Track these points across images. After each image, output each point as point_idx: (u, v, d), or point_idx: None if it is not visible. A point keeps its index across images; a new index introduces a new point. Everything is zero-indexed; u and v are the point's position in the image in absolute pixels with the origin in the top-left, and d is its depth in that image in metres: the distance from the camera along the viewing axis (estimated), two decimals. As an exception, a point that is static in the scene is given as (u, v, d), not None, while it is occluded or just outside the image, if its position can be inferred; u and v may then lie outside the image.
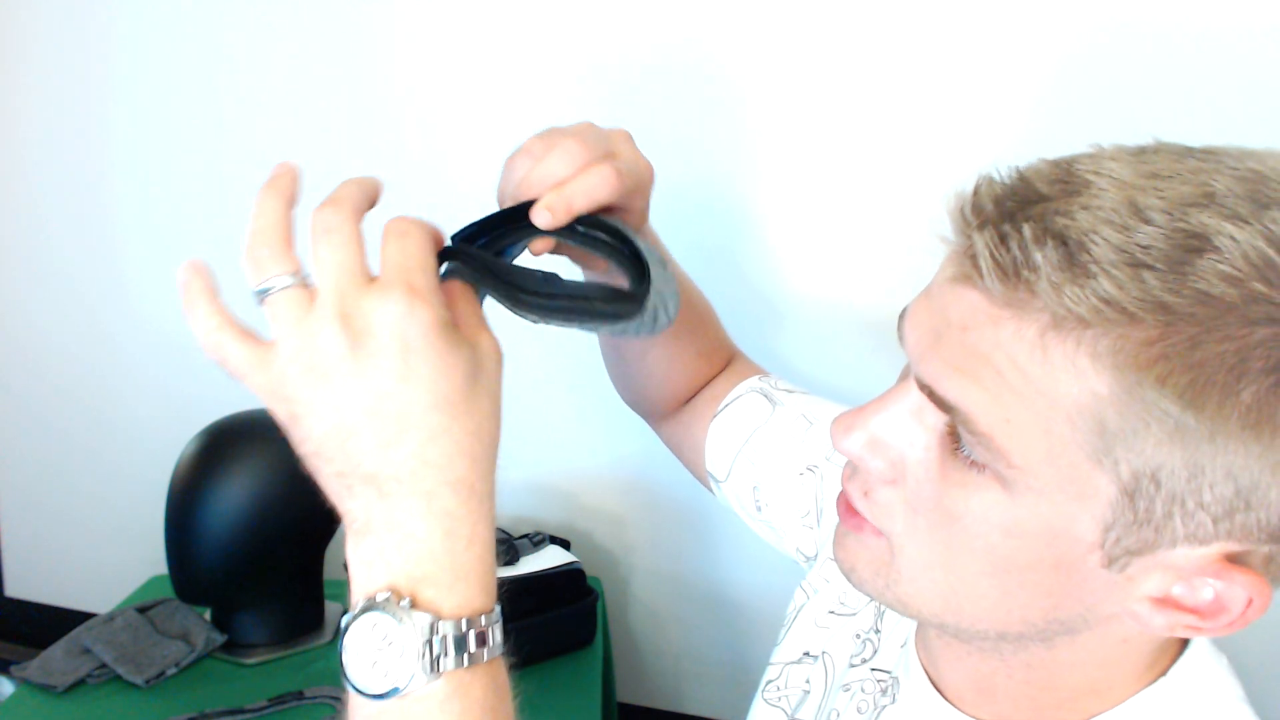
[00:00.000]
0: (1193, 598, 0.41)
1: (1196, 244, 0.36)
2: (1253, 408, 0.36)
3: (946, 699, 0.53)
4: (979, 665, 0.50)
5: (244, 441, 1.12)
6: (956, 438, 0.43)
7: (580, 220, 0.53)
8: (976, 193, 0.41)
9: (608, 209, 0.56)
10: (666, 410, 0.82)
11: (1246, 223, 0.36)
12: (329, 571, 1.22)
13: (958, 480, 0.43)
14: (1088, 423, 0.38)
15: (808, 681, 0.68)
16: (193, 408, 1.27)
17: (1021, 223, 0.38)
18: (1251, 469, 0.37)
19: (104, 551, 1.58)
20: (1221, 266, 0.35)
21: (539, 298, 0.50)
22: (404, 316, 0.42)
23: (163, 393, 1.49)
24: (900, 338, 0.46)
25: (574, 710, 1.07)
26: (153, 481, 1.19)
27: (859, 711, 0.60)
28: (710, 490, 0.81)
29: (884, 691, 0.59)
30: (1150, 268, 0.36)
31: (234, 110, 1.36)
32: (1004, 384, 0.39)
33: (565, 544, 1.24)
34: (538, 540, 1.21)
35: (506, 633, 0.46)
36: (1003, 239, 0.39)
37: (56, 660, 1.10)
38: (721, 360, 0.82)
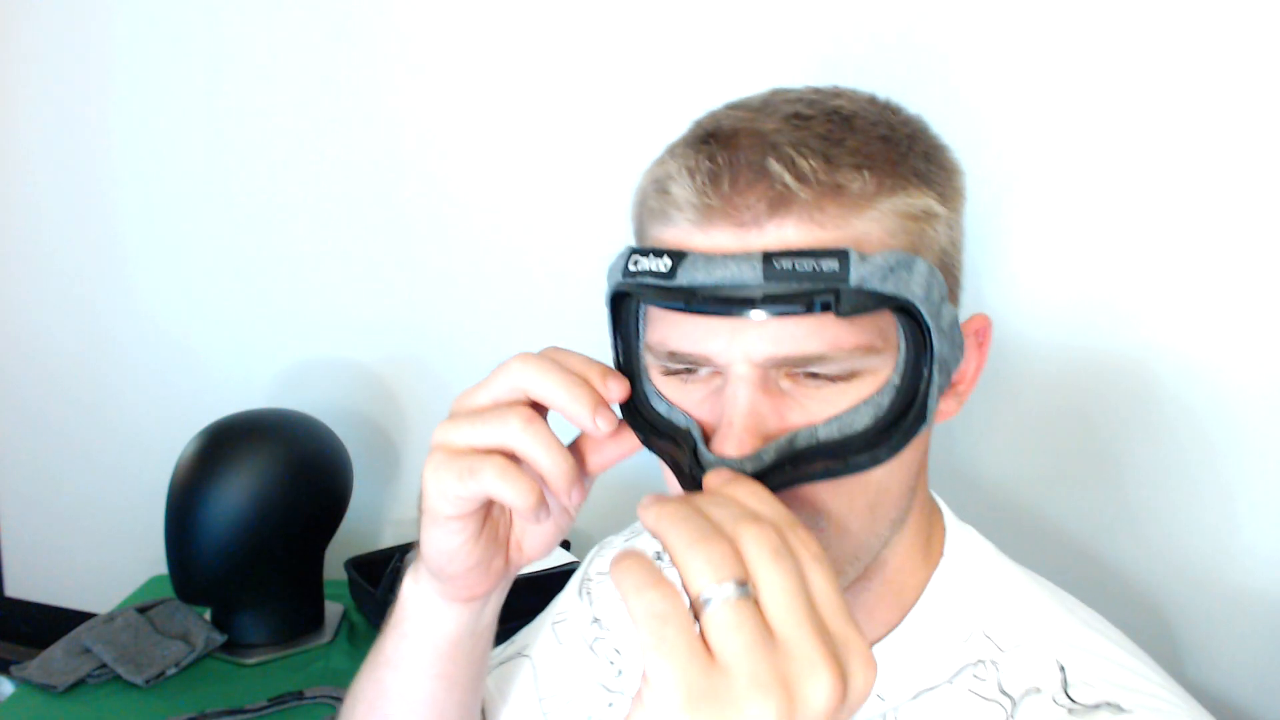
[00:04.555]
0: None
1: (839, 118, 0.48)
2: (924, 167, 0.49)
3: None
4: (855, 598, 0.54)
5: (244, 441, 1.13)
6: (811, 374, 0.46)
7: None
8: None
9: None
10: None
11: (854, 97, 0.50)
12: (329, 571, 1.22)
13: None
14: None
15: None
16: (193, 408, 1.27)
17: (727, 160, 0.47)
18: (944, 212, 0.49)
19: (104, 551, 1.58)
20: (858, 124, 0.48)
21: None
22: (833, 708, 0.36)
23: (163, 393, 1.49)
24: (709, 362, 0.47)
25: (574, 710, 1.07)
26: (153, 481, 1.19)
27: None
28: None
29: None
30: (838, 144, 0.47)
31: (235, 110, 1.36)
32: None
33: (565, 544, 1.24)
34: (538, 540, 1.20)
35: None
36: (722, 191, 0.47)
37: (56, 660, 1.10)
38: None
